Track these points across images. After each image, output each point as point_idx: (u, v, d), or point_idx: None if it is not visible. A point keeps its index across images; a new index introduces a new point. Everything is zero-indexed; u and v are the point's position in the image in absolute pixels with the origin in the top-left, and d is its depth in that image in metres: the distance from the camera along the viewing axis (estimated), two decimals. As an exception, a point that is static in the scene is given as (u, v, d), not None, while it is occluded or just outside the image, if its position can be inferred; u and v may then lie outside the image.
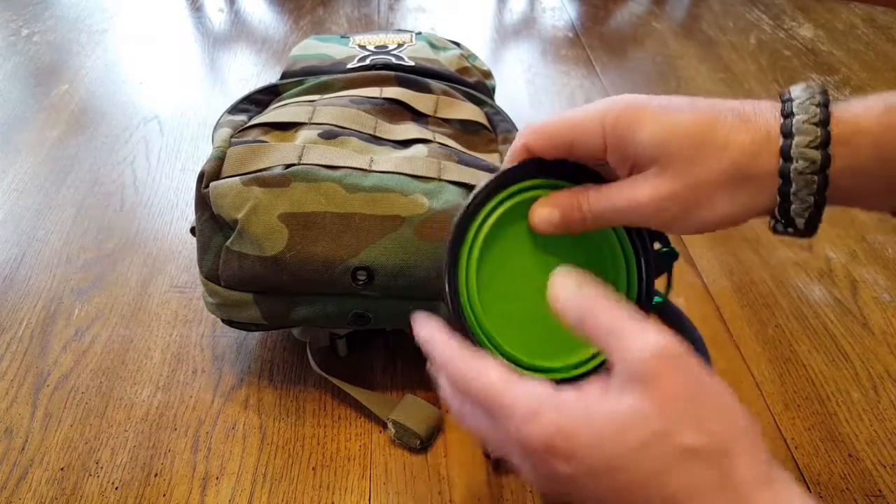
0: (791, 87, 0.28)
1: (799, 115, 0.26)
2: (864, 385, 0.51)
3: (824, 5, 1.18)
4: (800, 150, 0.26)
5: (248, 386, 0.49)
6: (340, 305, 0.43)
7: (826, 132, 0.26)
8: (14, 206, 0.67)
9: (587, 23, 1.10)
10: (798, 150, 0.26)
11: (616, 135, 0.29)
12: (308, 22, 1.08)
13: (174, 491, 0.43)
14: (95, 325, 0.54)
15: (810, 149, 0.26)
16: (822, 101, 0.27)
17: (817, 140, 0.26)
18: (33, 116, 0.81)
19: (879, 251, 0.64)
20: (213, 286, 0.43)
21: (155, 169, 0.73)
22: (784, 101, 0.28)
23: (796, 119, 0.26)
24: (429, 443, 0.46)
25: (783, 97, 0.28)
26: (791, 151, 0.26)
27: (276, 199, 0.41)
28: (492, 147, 0.51)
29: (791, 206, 0.27)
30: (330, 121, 0.47)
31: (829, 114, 0.26)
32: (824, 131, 0.26)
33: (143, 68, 0.94)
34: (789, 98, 0.28)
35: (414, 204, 0.41)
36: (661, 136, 0.28)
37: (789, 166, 0.26)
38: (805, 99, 0.27)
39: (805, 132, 0.26)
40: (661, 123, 0.28)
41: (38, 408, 0.48)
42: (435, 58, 0.58)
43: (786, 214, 0.28)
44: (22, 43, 0.99)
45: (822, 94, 0.27)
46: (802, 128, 0.26)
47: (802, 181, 0.27)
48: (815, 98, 0.27)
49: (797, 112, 0.27)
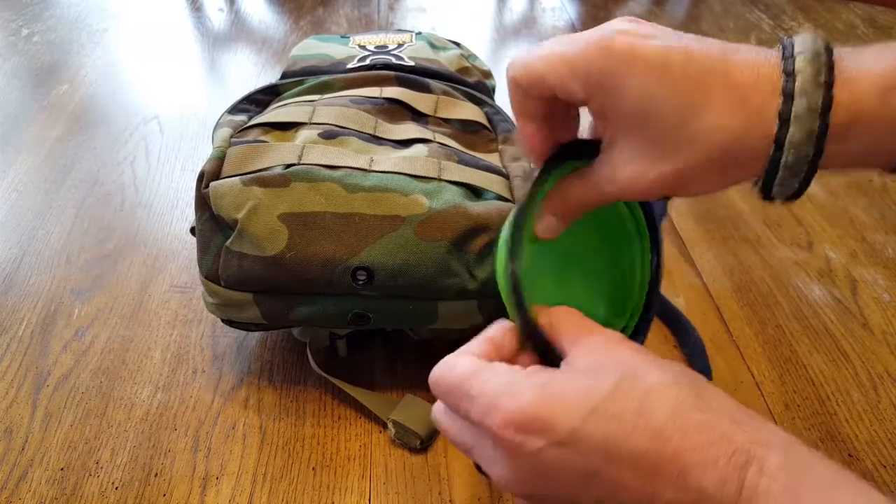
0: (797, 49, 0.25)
1: (798, 101, 0.24)
2: (864, 385, 0.51)
3: (824, 5, 1.18)
4: (794, 140, 0.24)
5: (248, 386, 0.49)
6: (340, 305, 0.43)
7: (825, 123, 0.24)
8: (14, 206, 0.67)
9: (587, 23, 1.10)
10: (793, 139, 0.24)
11: (597, 89, 0.27)
12: (308, 22, 1.08)
13: (174, 491, 0.43)
14: (95, 325, 0.54)
15: (804, 142, 0.24)
16: (827, 79, 0.24)
17: (814, 134, 0.24)
18: (33, 116, 0.81)
19: (879, 251, 0.64)
20: (213, 286, 0.43)
21: (155, 169, 0.73)
22: (785, 74, 0.25)
23: (795, 103, 0.24)
24: (429, 443, 0.46)
25: (786, 69, 0.25)
26: (785, 141, 0.24)
27: (276, 199, 0.41)
28: (492, 147, 0.51)
29: (774, 187, 0.26)
30: (330, 121, 0.47)
31: (832, 96, 0.24)
32: (822, 124, 0.24)
33: (143, 68, 0.94)
34: (792, 71, 0.24)
35: (414, 204, 0.41)
36: (646, 105, 0.26)
37: (780, 155, 0.25)
38: (809, 77, 0.24)
39: (803, 121, 0.24)
40: (648, 88, 0.25)
41: (38, 408, 0.48)
42: (435, 58, 0.58)
43: (768, 189, 0.26)
44: (22, 43, 0.99)
45: (828, 71, 0.24)
46: (802, 115, 0.24)
47: (790, 170, 0.25)
48: (820, 76, 0.24)
49: (797, 95, 0.24)
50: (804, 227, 0.67)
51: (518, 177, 0.46)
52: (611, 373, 0.25)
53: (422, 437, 0.45)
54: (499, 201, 0.44)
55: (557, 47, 0.27)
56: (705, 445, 0.23)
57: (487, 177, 0.45)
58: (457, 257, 0.41)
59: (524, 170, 0.47)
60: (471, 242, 0.41)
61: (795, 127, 0.24)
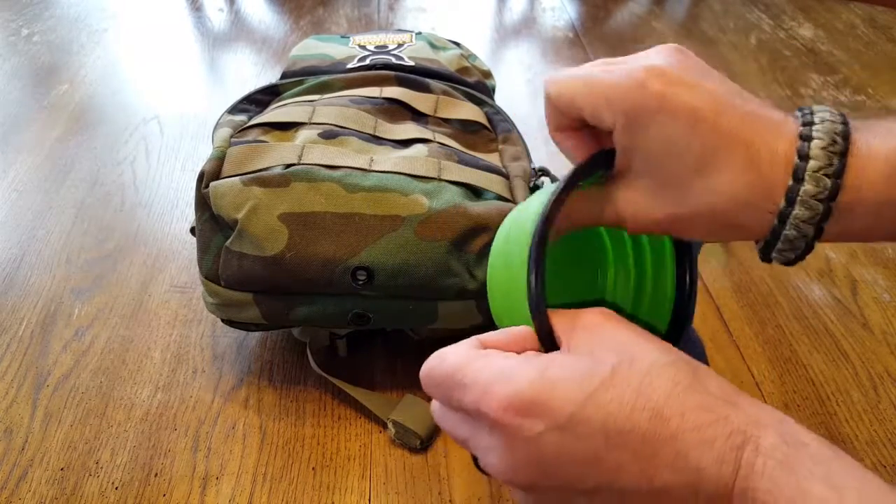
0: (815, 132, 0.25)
1: (813, 162, 0.25)
2: (864, 385, 0.51)
3: (824, 5, 1.18)
4: (797, 218, 0.26)
5: (248, 386, 0.49)
6: (340, 305, 0.43)
7: (837, 183, 0.25)
8: (14, 206, 0.67)
9: (587, 23, 1.10)
10: (795, 220, 0.26)
11: (624, 122, 0.28)
12: (308, 22, 1.08)
13: (174, 491, 0.43)
14: (95, 325, 0.54)
15: (816, 200, 0.25)
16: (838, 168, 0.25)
17: (817, 216, 0.25)
18: (33, 116, 0.81)
19: (879, 251, 0.64)
20: (213, 286, 0.43)
21: (155, 169, 0.73)
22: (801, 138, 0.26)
23: (810, 165, 0.25)
24: (429, 443, 0.46)
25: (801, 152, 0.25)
26: (789, 218, 0.26)
27: (276, 199, 0.41)
28: (492, 147, 0.51)
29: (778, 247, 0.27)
30: (330, 120, 0.47)
31: (845, 163, 0.25)
32: (836, 183, 0.25)
33: (143, 68, 0.94)
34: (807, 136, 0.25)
35: (414, 204, 0.41)
36: (667, 150, 0.27)
37: (781, 229, 0.26)
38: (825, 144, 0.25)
39: (809, 204, 0.25)
40: (671, 136, 0.26)
41: (38, 408, 0.48)
42: (435, 58, 0.58)
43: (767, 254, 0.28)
44: (22, 43, 0.99)
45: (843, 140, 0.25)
46: (807, 200, 0.25)
47: (791, 241, 0.26)
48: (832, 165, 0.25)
49: (807, 181, 0.25)
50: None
51: (518, 177, 0.46)
52: (609, 355, 0.25)
53: (422, 437, 0.45)
54: (499, 201, 0.44)
55: (596, 74, 0.28)
56: (703, 426, 0.23)
57: (487, 177, 0.45)
58: (457, 257, 0.41)
59: (524, 170, 0.47)
60: (471, 242, 0.41)
61: (800, 209, 0.25)
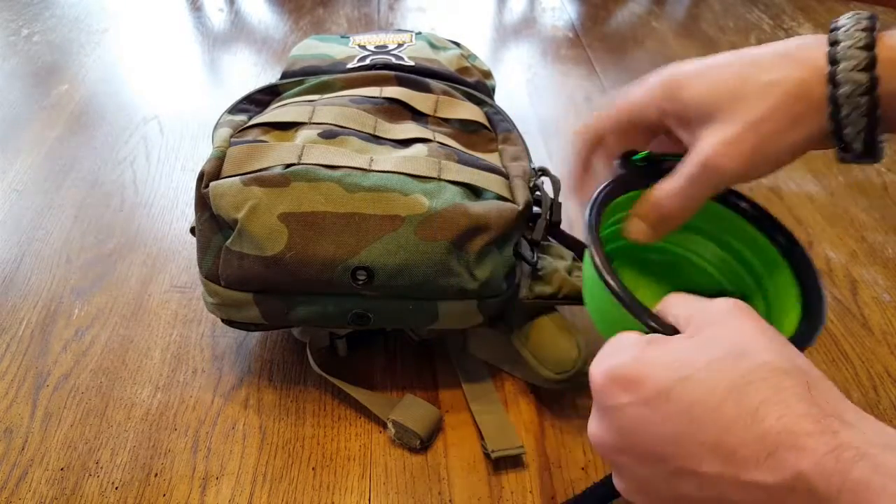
0: (840, 17, 0.29)
1: (844, 42, 0.28)
2: (864, 385, 0.51)
3: (824, 5, 1.18)
4: (846, 74, 0.27)
5: (248, 386, 0.49)
6: (340, 305, 0.43)
7: (871, 55, 0.27)
8: (14, 206, 0.67)
9: (587, 23, 1.10)
10: (844, 74, 0.27)
11: (666, 102, 0.31)
12: (308, 22, 1.08)
13: (174, 491, 0.43)
14: (95, 325, 0.54)
15: (856, 72, 0.27)
16: (869, 25, 0.28)
17: (863, 63, 0.27)
18: (33, 116, 0.81)
19: (879, 251, 0.64)
20: (213, 286, 0.43)
21: (155, 169, 0.73)
22: (831, 30, 0.29)
23: (841, 45, 0.27)
24: (429, 443, 0.46)
25: (831, 27, 0.29)
26: (837, 77, 0.27)
27: (276, 199, 0.41)
28: (492, 147, 0.51)
29: (844, 131, 0.28)
30: (330, 120, 0.47)
31: (874, 38, 0.27)
32: (870, 54, 0.27)
33: (143, 68, 0.94)
34: (836, 27, 0.29)
35: (414, 203, 0.41)
36: (707, 89, 0.30)
37: (837, 91, 0.27)
38: (851, 26, 0.28)
39: (850, 57, 0.27)
40: (704, 78, 0.30)
41: (38, 408, 0.48)
42: (435, 58, 0.58)
43: (842, 139, 0.29)
44: (22, 43, 0.99)
45: (868, 20, 0.28)
46: (848, 53, 0.27)
47: (851, 104, 0.27)
48: (861, 23, 0.28)
49: (843, 39, 0.28)
50: (804, 227, 0.67)
51: (518, 177, 0.46)
52: (720, 345, 0.24)
53: (422, 437, 0.45)
54: (498, 201, 0.44)
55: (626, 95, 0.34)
56: (802, 434, 0.21)
57: (487, 176, 0.45)
58: (457, 257, 0.41)
59: (524, 169, 0.47)
60: (471, 242, 0.41)
61: (844, 64, 0.27)
